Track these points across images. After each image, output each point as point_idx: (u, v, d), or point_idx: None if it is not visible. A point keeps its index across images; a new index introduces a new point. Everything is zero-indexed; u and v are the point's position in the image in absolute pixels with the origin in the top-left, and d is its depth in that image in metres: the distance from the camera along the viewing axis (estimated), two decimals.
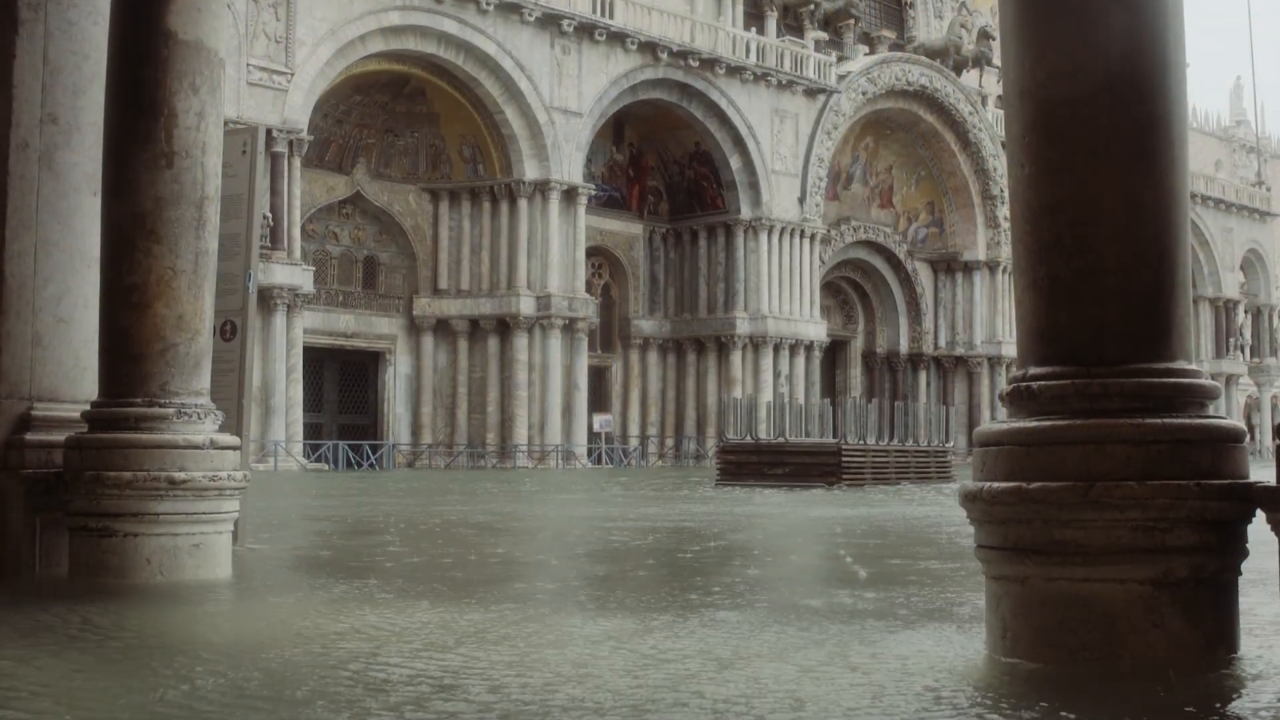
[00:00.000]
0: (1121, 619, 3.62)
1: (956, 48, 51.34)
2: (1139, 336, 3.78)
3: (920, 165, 51.38)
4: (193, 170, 6.44)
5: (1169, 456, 3.65)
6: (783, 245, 44.34)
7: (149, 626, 4.96)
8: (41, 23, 6.90)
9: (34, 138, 6.85)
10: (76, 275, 6.91)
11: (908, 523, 12.19)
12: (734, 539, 10.20)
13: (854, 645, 4.38)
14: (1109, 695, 3.46)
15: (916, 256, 51.81)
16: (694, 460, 42.82)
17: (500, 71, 37.03)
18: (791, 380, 44.13)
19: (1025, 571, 3.74)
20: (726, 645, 4.37)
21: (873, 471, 23.76)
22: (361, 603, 5.60)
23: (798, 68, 44.66)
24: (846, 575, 7.16)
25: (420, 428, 39.05)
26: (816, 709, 3.35)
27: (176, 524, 6.21)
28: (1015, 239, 3.98)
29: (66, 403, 6.83)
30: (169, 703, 3.47)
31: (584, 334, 39.31)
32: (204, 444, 6.33)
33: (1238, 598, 3.79)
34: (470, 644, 4.44)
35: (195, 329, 6.43)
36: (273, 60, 32.84)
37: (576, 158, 38.78)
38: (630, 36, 39.64)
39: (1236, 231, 63.75)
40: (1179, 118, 3.87)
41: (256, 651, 4.32)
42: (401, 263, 39.47)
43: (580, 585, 6.79)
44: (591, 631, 4.74)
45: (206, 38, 6.50)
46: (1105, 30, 3.80)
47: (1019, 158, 3.94)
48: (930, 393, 50.88)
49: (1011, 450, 3.81)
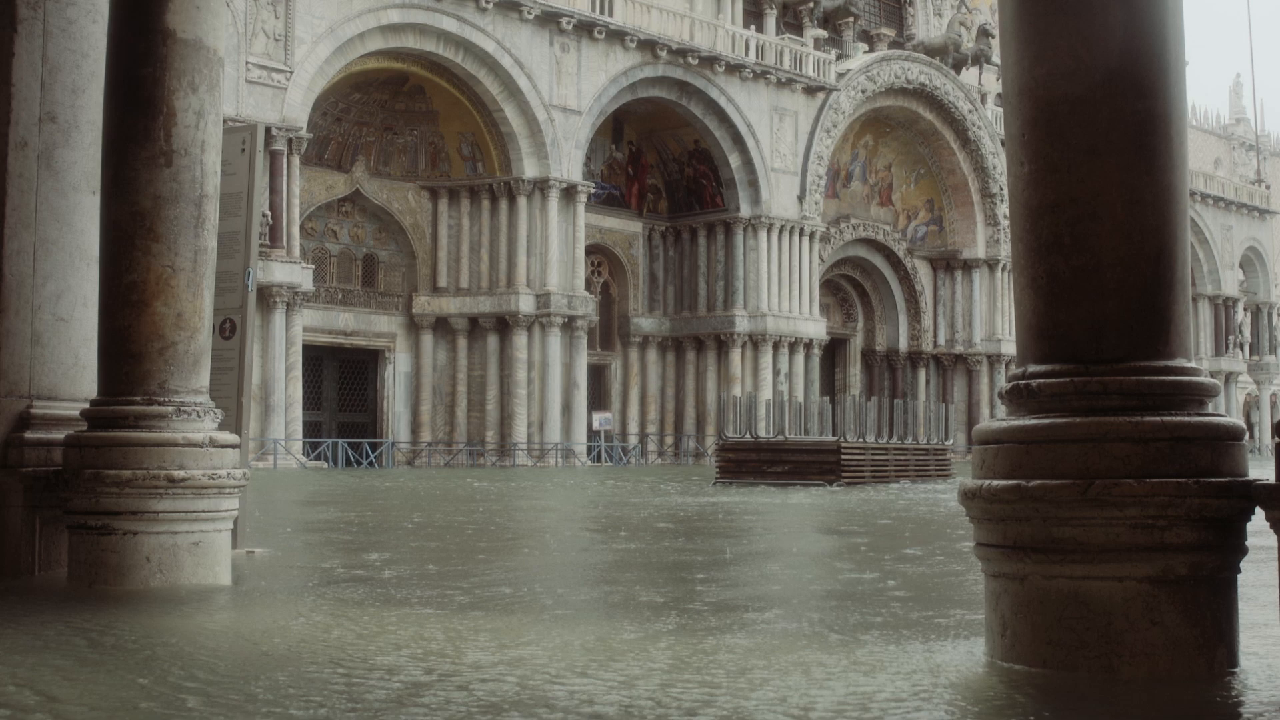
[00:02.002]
0: (1120, 616, 3.62)
1: (956, 45, 51.30)
2: (1138, 334, 3.78)
3: (920, 163, 51.36)
4: (192, 168, 6.43)
5: (1168, 454, 3.65)
6: (782, 243, 44.33)
7: (147, 626, 4.96)
8: (40, 21, 6.89)
9: (33, 136, 6.85)
10: (76, 274, 6.91)
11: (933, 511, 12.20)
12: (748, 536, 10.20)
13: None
14: (1107, 693, 3.46)
15: (916, 254, 51.79)
16: (693, 458, 42.82)
17: (499, 69, 37.01)
18: (791, 378, 44.11)
19: (1024, 569, 3.74)
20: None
21: (872, 470, 23.76)
22: (361, 603, 5.60)
23: (797, 66, 44.63)
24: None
25: (420, 426, 39.04)
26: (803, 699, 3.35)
27: (176, 522, 6.20)
28: (1015, 237, 3.98)
29: (66, 401, 6.83)
30: (156, 697, 3.47)
31: (583, 332, 39.30)
32: (203, 442, 6.33)
33: (1237, 596, 3.79)
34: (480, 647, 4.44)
35: (194, 327, 6.43)
36: (272, 58, 32.81)
37: (576, 156, 38.76)
38: (629, 34, 39.62)
39: (1236, 229, 63.74)
40: (1178, 115, 3.87)
41: (255, 652, 4.32)
42: (401, 261, 39.45)
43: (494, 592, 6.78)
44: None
45: (205, 36, 6.50)
46: (1105, 28, 3.80)
47: (1018, 155, 3.94)
48: (929, 391, 50.88)
49: (1011, 448, 3.81)
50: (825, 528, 11.39)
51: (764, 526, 11.62)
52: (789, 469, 23.05)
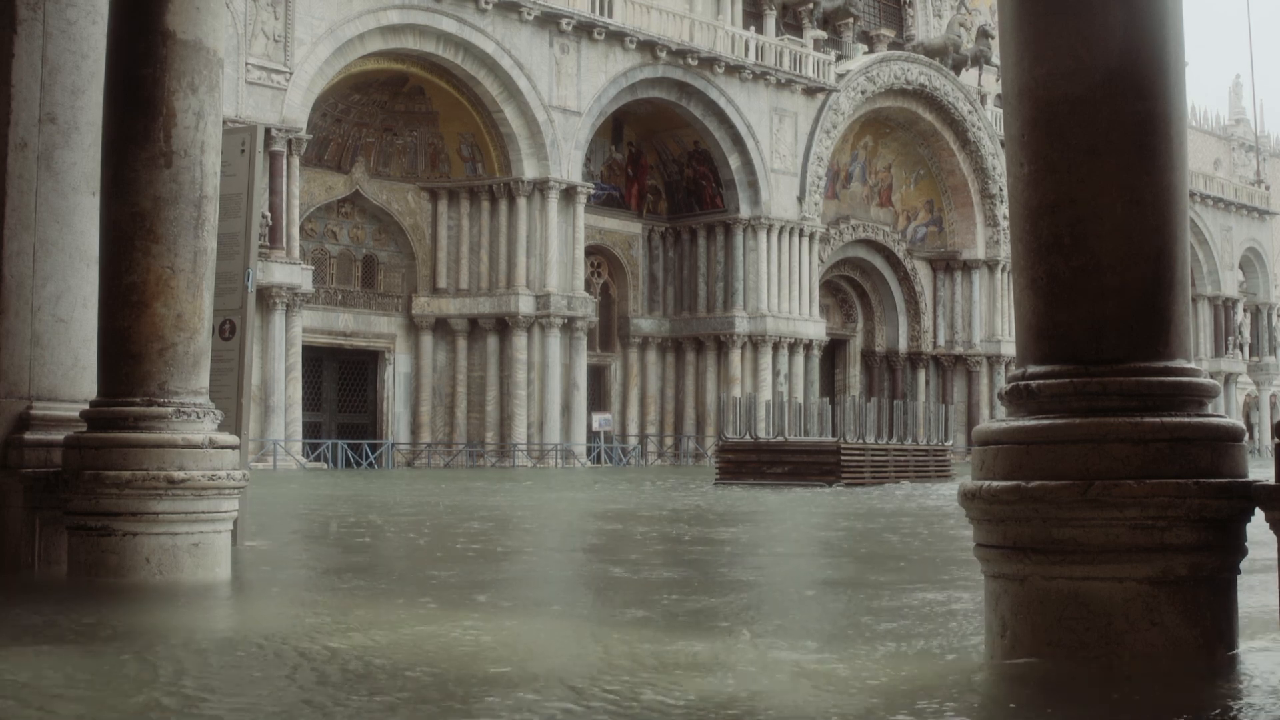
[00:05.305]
0: (1120, 617, 3.62)
1: (955, 46, 51.30)
2: (1138, 335, 3.78)
3: (919, 164, 51.36)
4: (191, 169, 6.43)
5: (1168, 455, 3.65)
6: (782, 244, 44.32)
7: (144, 626, 4.95)
8: (40, 22, 6.89)
9: (33, 137, 6.85)
10: (75, 274, 6.91)
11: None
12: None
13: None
14: (1106, 694, 3.45)
15: (915, 255, 51.78)
16: (693, 459, 42.80)
17: (499, 70, 37.01)
18: (790, 379, 44.10)
19: (1024, 570, 3.74)
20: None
21: (872, 470, 23.75)
22: (359, 604, 5.60)
23: (797, 66, 44.63)
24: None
25: (419, 427, 39.04)
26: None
27: (175, 523, 6.20)
28: (1014, 237, 3.98)
29: (65, 402, 6.83)
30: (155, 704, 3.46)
31: (583, 333, 39.29)
32: (203, 443, 6.33)
33: (1237, 596, 3.79)
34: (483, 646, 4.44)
35: (194, 328, 6.43)
36: (271, 59, 32.81)
37: (575, 156, 38.76)
38: (629, 35, 39.61)
39: (1235, 230, 63.74)
40: (1178, 116, 3.87)
41: (253, 652, 4.32)
42: (400, 262, 39.45)
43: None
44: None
45: (205, 37, 6.50)
46: (1104, 28, 3.80)
47: (1018, 156, 3.94)
48: (929, 391, 50.87)
49: (1010, 449, 3.81)
50: (838, 541, 11.37)
51: (766, 538, 11.60)
52: (789, 470, 23.05)
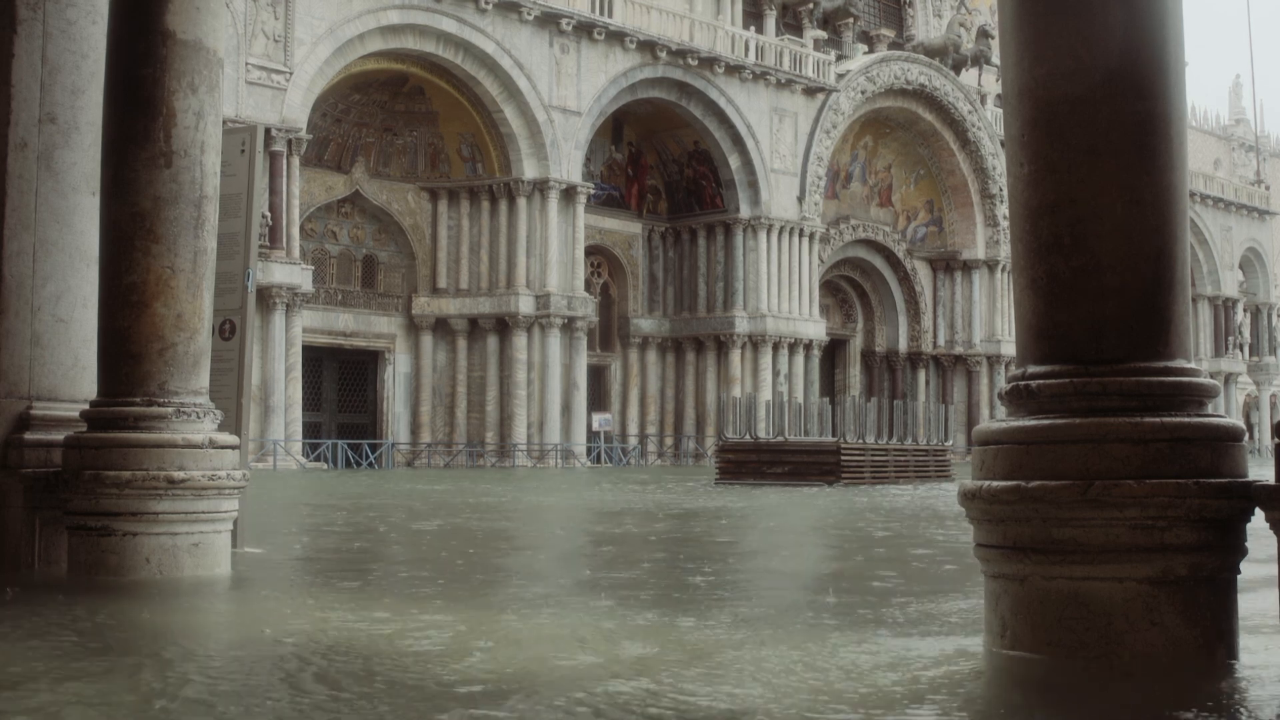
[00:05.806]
0: (1120, 617, 3.62)
1: (955, 46, 51.29)
2: (1138, 335, 3.78)
3: (919, 164, 51.35)
4: (191, 169, 6.43)
5: (1168, 455, 3.65)
6: (782, 244, 44.32)
7: (144, 626, 4.96)
8: (40, 22, 6.89)
9: (32, 137, 6.85)
10: (75, 274, 6.91)
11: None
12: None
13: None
14: (1106, 694, 3.45)
15: (915, 255, 51.78)
16: (693, 459, 42.80)
17: (499, 70, 37.01)
18: (790, 379, 44.10)
19: (1024, 570, 3.74)
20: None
21: (872, 470, 23.75)
22: (360, 604, 5.60)
23: (797, 66, 44.63)
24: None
25: (419, 427, 39.03)
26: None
27: (175, 523, 6.20)
28: (1014, 237, 3.98)
29: (65, 402, 6.83)
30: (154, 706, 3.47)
31: (583, 333, 39.29)
32: (203, 443, 6.33)
33: (1236, 596, 3.79)
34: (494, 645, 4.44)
35: (194, 328, 6.43)
36: (271, 59, 32.81)
37: (575, 156, 38.76)
38: (629, 35, 39.61)
39: (1235, 230, 63.73)
40: (1178, 116, 3.87)
41: (252, 653, 4.32)
42: (400, 262, 39.45)
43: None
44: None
45: (205, 37, 6.50)
46: (1104, 28, 3.80)
47: (1018, 156, 3.94)
48: (929, 391, 50.86)
49: (1010, 449, 3.81)
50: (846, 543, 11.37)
51: (770, 541, 11.60)
52: (789, 470, 23.05)
